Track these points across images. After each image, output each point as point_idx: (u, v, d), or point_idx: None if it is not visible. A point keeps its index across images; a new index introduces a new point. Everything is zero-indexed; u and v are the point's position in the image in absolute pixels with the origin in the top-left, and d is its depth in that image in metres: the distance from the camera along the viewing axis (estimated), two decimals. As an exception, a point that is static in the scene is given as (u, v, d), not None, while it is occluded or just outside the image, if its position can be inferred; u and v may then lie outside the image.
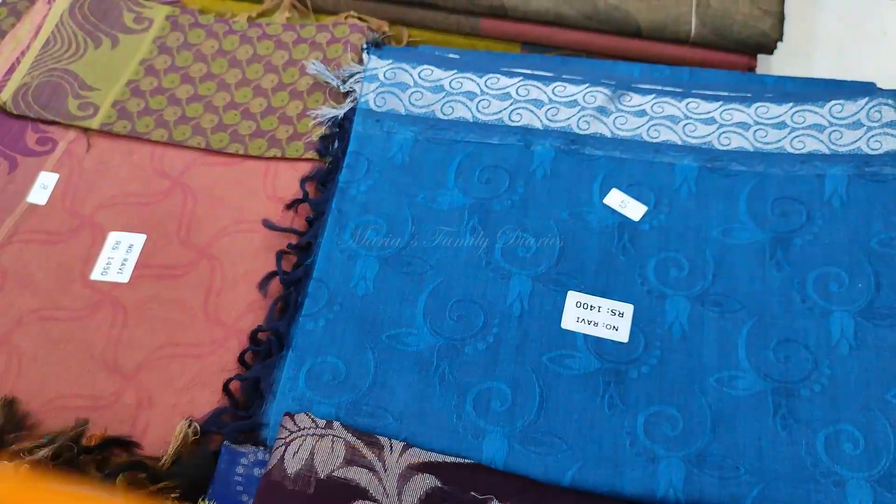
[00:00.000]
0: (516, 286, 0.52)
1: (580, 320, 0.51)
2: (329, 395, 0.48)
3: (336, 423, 0.47)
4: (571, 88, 0.61)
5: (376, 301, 0.52)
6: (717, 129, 0.58)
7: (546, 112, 0.60)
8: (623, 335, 0.50)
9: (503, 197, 0.56)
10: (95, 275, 0.56)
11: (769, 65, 0.69)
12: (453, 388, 0.49)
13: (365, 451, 0.46)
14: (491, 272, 0.53)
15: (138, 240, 0.58)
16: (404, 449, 0.46)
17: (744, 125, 0.58)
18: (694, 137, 0.58)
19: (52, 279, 0.56)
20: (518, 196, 0.56)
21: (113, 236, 0.58)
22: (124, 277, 0.56)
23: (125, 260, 0.57)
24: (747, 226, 0.54)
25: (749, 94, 0.60)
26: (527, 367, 0.49)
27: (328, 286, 0.53)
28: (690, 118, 0.59)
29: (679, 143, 0.58)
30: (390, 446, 0.46)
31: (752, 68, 0.66)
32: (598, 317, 0.51)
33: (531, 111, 0.60)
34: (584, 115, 0.60)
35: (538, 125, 0.60)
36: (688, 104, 0.60)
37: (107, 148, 0.64)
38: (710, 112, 0.59)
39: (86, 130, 0.65)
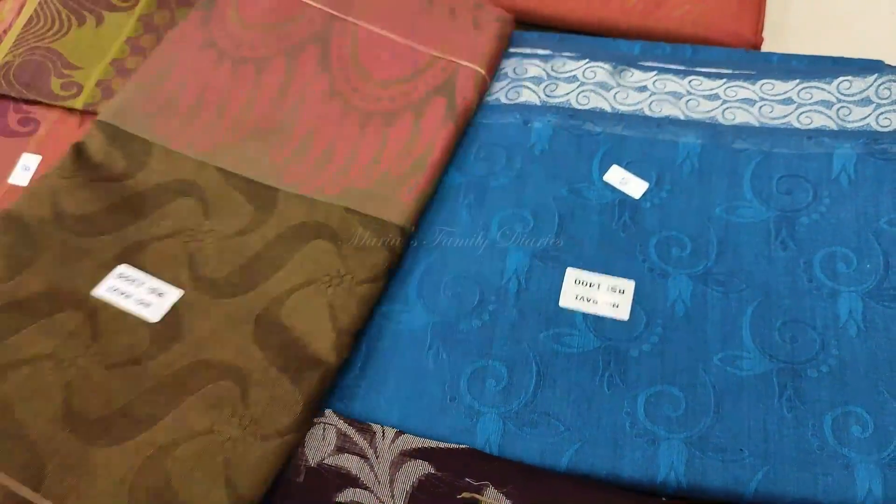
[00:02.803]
0: (513, 263, 0.52)
1: (579, 298, 0.51)
2: (319, 375, 0.48)
3: (327, 410, 0.47)
4: (571, 64, 0.61)
5: (368, 280, 0.52)
6: (722, 104, 0.58)
7: (545, 88, 0.60)
8: (624, 313, 0.50)
9: (500, 174, 0.57)
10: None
11: (774, 43, 0.69)
12: (447, 366, 0.49)
13: (357, 437, 0.46)
14: (487, 249, 0.53)
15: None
16: (397, 435, 0.46)
17: (749, 101, 0.58)
18: (697, 112, 0.58)
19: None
20: (516, 172, 0.56)
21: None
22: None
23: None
24: (752, 204, 0.54)
25: (754, 72, 0.60)
26: (523, 346, 0.49)
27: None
28: (693, 94, 0.59)
29: (682, 117, 0.58)
30: (382, 433, 0.46)
31: (756, 46, 0.66)
32: (597, 294, 0.51)
33: (530, 88, 0.60)
34: (583, 90, 0.60)
35: (536, 101, 0.60)
36: (691, 81, 0.60)
37: (90, 128, 0.64)
38: (713, 89, 0.60)
39: (71, 110, 0.65)
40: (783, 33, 0.66)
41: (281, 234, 0.51)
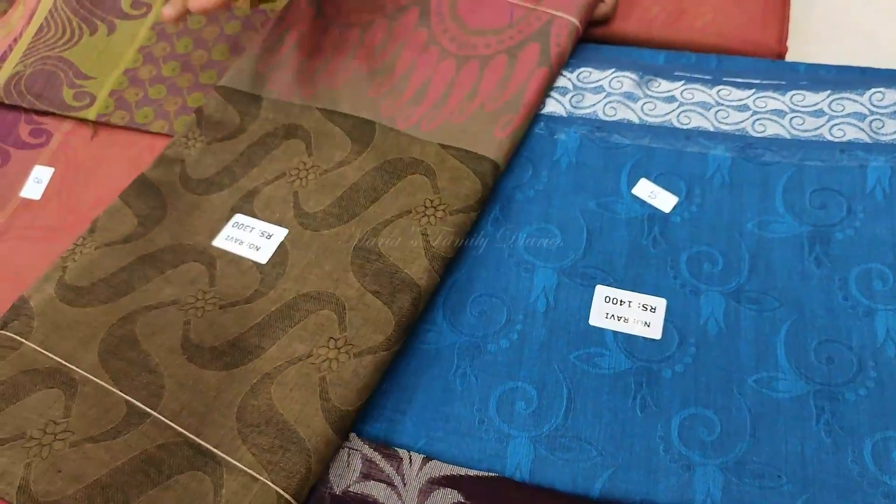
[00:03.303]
0: (541, 280, 0.51)
1: (609, 316, 0.50)
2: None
3: (352, 434, 0.45)
4: (597, 74, 0.60)
5: (392, 297, 0.51)
6: (752, 115, 0.57)
7: (571, 99, 0.59)
8: (655, 331, 0.49)
9: (526, 186, 0.55)
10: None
11: (796, 51, 0.68)
12: (475, 388, 0.47)
13: (383, 464, 0.44)
14: (514, 265, 0.52)
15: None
16: (424, 462, 0.44)
17: (779, 112, 0.57)
18: (727, 124, 0.57)
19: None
20: (542, 185, 0.55)
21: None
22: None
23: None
24: (784, 218, 0.53)
25: (783, 82, 0.59)
26: (553, 367, 0.48)
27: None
28: (723, 105, 0.58)
29: (711, 129, 0.57)
30: (409, 459, 0.45)
31: (781, 56, 0.65)
32: (628, 312, 0.50)
33: (556, 99, 0.59)
34: (610, 101, 0.59)
35: (562, 112, 0.59)
36: (719, 91, 0.59)
37: (104, 140, 0.63)
38: (742, 99, 0.58)
39: (84, 120, 0.64)
40: (807, 41, 0.65)
41: (378, 167, 0.54)
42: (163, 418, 0.44)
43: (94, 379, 0.45)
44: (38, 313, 0.49)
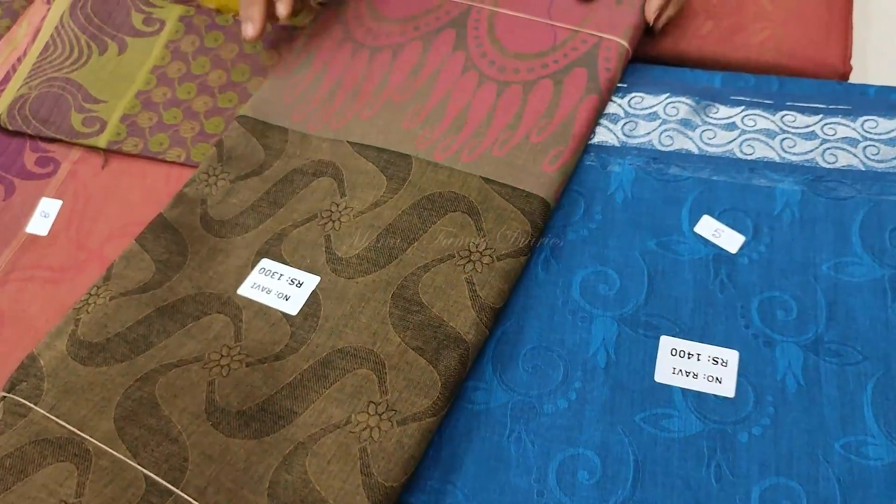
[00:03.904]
0: (600, 330, 0.47)
1: (677, 371, 0.45)
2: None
3: None
4: (650, 99, 0.56)
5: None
6: (821, 144, 0.53)
7: (623, 127, 0.55)
8: (728, 388, 0.45)
9: (579, 225, 0.51)
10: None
11: (860, 72, 0.64)
12: (531, 455, 0.43)
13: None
14: (569, 314, 0.48)
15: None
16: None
17: (851, 141, 0.53)
18: (794, 154, 0.53)
19: (56, 322, 0.51)
20: (596, 224, 0.51)
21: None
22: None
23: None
24: (863, 260, 0.48)
25: (851, 106, 0.55)
26: (617, 430, 0.44)
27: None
28: (788, 132, 0.54)
29: (777, 160, 0.52)
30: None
31: (845, 76, 0.60)
32: (697, 366, 0.45)
33: (606, 127, 0.55)
34: (666, 130, 0.54)
35: (615, 142, 0.54)
36: (783, 117, 0.54)
37: (116, 169, 0.58)
38: (809, 126, 0.54)
39: (94, 148, 0.59)
40: (871, 61, 0.61)
41: (415, 204, 0.50)
42: (187, 497, 0.39)
43: (110, 450, 0.41)
44: (49, 374, 0.44)
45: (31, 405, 0.43)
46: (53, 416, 0.42)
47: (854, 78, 0.62)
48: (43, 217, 0.56)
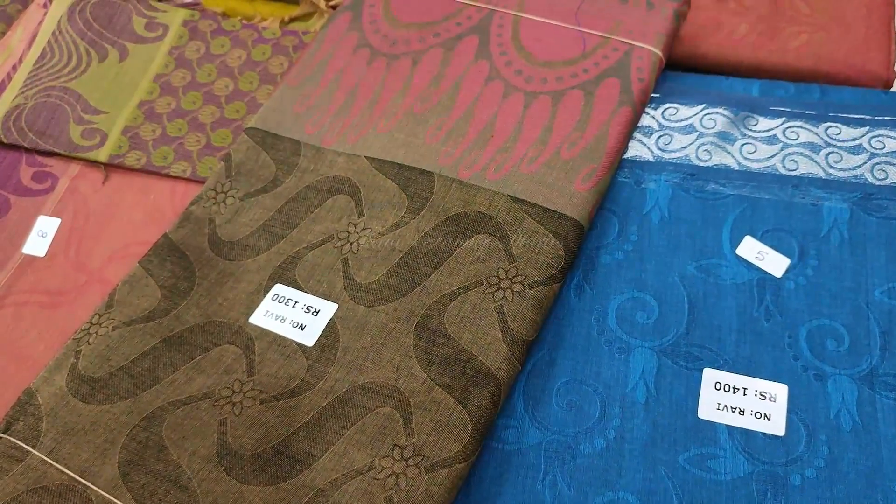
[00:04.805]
0: (639, 363, 0.44)
1: (721, 407, 0.42)
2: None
3: None
4: (685, 111, 0.53)
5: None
6: (869, 158, 0.50)
7: (657, 141, 0.52)
8: (778, 426, 0.42)
9: (613, 247, 0.48)
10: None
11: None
12: (568, 501, 0.40)
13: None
14: (605, 344, 0.45)
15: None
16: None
17: (901, 155, 0.50)
18: (841, 169, 0.50)
19: (55, 352, 0.48)
20: (632, 245, 0.48)
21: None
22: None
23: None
24: (918, 283, 0.45)
25: (899, 116, 0.51)
26: (660, 472, 0.41)
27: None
28: (833, 146, 0.51)
29: (823, 176, 0.49)
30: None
31: (888, 83, 0.57)
32: (743, 402, 0.42)
33: (640, 141, 0.52)
34: (703, 143, 0.51)
35: (649, 157, 0.51)
36: (827, 129, 0.51)
37: (118, 185, 0.55)
38: (856, 139, 0.51)
39: (94, 162, 0.56)
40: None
41: (439, 225, 0.47)
42: None
43: (114, 500, 0.38)
44: (48, 413, 0.41)
45: (29, 448, 0.40)
46: (52, 460, 0.40)
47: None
48: (40, 237, 0.53)
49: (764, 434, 0.42)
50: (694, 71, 0.58)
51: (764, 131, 0.52)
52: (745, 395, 0.43)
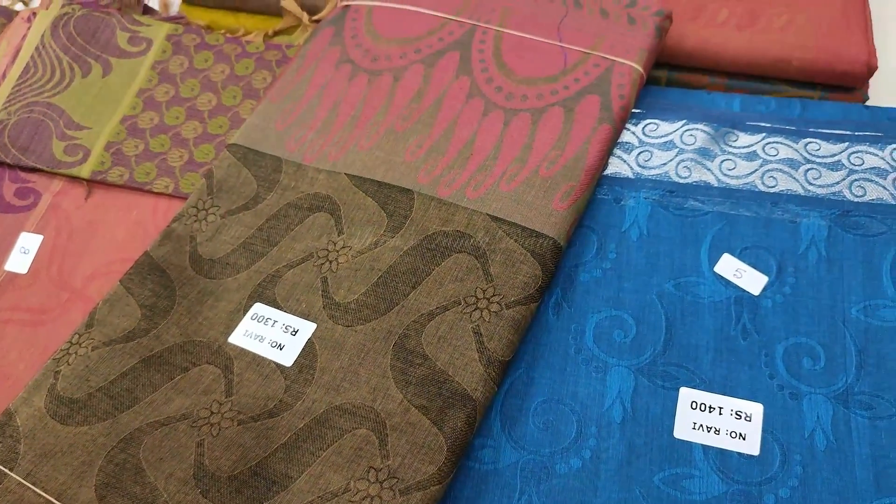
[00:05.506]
0: (616, 382, 0.44)
1: (697, 426, 0.43)
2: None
3: None
4: (665, 126, 0.53)
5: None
6: (848, 175, 0.50)
7: (637, 157, 0.52)
8: (753, 446, 0.42)
9: (591, 265, 0.48)
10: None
11: (878, 96, 0.61)
12: (544, 521, 0.40)
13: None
14: (582, 363, 0.45)
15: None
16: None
17: (880, 171, 0.50)
18: (820, 186, 0.50)
19: (36, 371, 0.48)
20: (610, 263, 0.48)
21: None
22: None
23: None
24: (895, 302, 0.46)
25: (880, 133, 0.52)
26: (635, 493, 0.41)
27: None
28: (813, 162, 0.51)
29: (802, 192, 0.50)
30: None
31: (871, 68, 0.57)
32: (719, 421, 0.43)
33: (620, 157, 0.52)
34: (683, 160, 0.52)
35: (629, 173, 0.52)
36: (807, 145, 0.52)
37: (100, 201, 0.56)
38: (835, 155, 0.51)
39: (77, 178, 0.57)
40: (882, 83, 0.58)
41: (417, 245, 0.47)
42: None
43: None
44: (26, 435, 0.42)
45: (7, 471, 0.40)
46: (30, 483, 0.40)
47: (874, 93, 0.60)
48: (22, 253, 0.54)
49: (739, 454, 0.42)
50: (677, 60, 0.58)
51: (744, 147, 0.52)
52: (720, 414, 0.43)
